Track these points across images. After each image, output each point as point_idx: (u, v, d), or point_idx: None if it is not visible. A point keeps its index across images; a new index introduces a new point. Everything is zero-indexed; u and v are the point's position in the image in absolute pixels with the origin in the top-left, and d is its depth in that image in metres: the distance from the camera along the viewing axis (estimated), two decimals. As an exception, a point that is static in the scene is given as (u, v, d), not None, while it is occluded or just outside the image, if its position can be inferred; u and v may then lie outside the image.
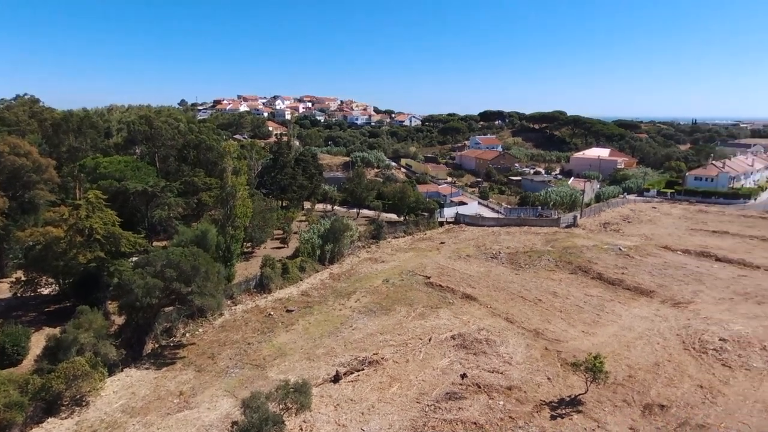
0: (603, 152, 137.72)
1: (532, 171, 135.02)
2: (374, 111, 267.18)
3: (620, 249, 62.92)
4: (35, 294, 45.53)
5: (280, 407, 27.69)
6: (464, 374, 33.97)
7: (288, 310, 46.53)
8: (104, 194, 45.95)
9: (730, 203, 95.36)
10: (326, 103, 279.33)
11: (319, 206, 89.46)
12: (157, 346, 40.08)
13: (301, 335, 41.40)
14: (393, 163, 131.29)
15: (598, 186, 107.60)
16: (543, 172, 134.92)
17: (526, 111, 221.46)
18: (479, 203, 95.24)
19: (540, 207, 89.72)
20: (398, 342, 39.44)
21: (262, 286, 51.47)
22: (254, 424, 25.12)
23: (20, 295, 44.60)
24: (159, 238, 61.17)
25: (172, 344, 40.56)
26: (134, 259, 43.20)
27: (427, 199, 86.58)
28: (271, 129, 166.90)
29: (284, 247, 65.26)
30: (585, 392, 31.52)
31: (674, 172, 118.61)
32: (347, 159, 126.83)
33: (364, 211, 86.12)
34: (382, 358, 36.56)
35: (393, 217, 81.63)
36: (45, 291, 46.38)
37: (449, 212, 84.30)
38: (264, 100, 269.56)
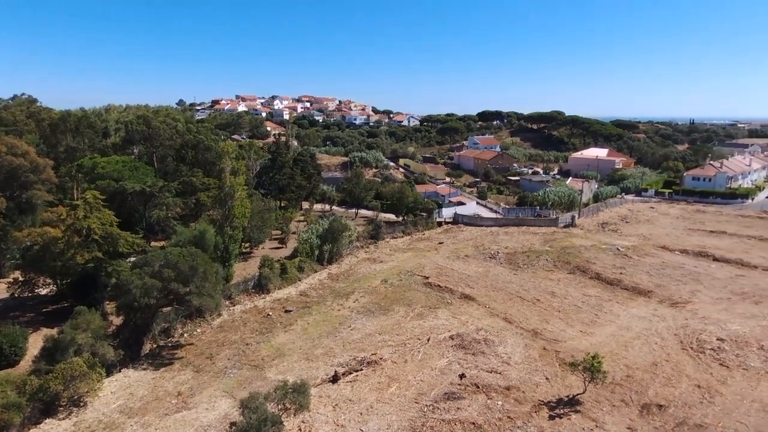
0: (601, 152, 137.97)
1: (530, 171, 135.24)
2: (373, 111, 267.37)
3: (618, 249, 63.03)
4: (33, 294, 45.42)
5: (279, 408, 27.68)
6: (463, 374, 33.99)
7: (286, 311, 46.52)
8: (102, 194, 45.81)
9: (728, 203, 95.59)
10: (325, 103, 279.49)
11: (318, 206, 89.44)
12: (155, 346, 40.04)
13: (299, 335, 41.38)
14: (391, 163, 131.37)
15: (596, 186, 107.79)
16: (541, 172, 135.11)
17: (525, 111, 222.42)
18: (477, 203, 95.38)
19: (538, 207, 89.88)
20: (397, 342, 39.44)
21: (260, 286, 51.45)
22: (253, 424, 25.09)
23: (18, 295, 44.48)
24: (157, 238, 61.08)
25: (170, 345, 40.51)
26: (132, 260, 43.15)
27: (426, 200, 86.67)
28: (269, 129, 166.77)
29: (283, 248, 65.21)
30: (583, 392, 31.58)
31: (672, 172, 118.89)
32: (346, 159, 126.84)
33: (363, 211, 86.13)
34: (380, 359, 36.56)
35: (391, 217, 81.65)
36: (43, 291, 46.28)
37: (448, 212, 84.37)
38: (262, 100, 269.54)
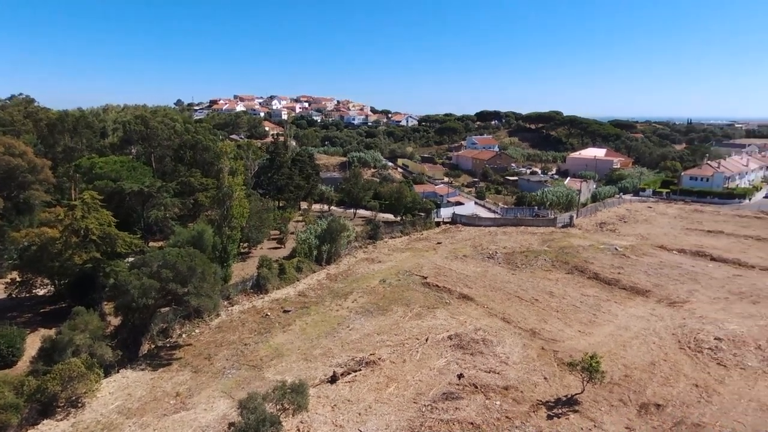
0: (599, 152, 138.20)
1: (528, 171, 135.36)
2: (371, 111, 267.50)
3: (616, 249, 63.14)
4: (30, 295, 45.31)
5: (277, 408, 27.69)
6: (461, 374, 34.02)
7: (285, 311, 46.48)
8: (100, 194, 45.75)
9: (725, 203, 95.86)
10: (323, 103, 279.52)
11: (316, 206, 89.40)
12: (153, 347, 39.98)
13: (298, 336, 41.36)
14: (390, 164, 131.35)
15: (594, 186, 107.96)
16: (539, 172, 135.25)
17: (523, 111, 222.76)
18: (476, 203, 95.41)
19: (536, 207, 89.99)
20: (395, 342, 39.45)
21: (258, 286, 51.41)
22: (251, 425, 25.09)
23: (15, 296, 44.37)
24: (155, 238, 60.98)
25: (168, 345, 40.45)
26: (130, 260, 43.06)
27: (424, 200, 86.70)
28: (267, 129, 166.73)
29: (281, 248, 65.16)
30: (581, 392, 31.63)
31: (670, 172, 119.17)
32: (344, 159, 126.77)
33: (361, 212, 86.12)
34: (379, 359, 36.56)
35: (390, 217, 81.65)
36: (40, 292, 46.17)
37: (446, 212, 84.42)
38: (261, 100, 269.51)
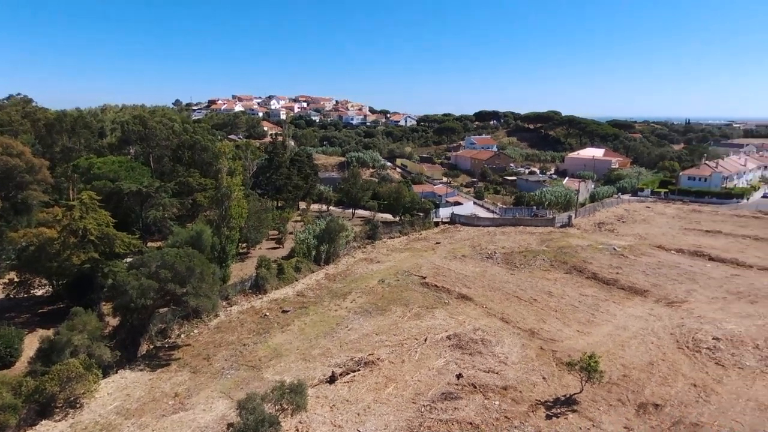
0: (597, 152, 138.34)
1: (527, 171, 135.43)
2: (369, 111, 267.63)
3: (615, 249, 63.23)
4: (28, 295, 45.29)
5: (276, 408, 27.67)
6: (460, 374, 34.03)
7: (283, 311, 46.45)
8: (98, 195, 45.74)
9: (723, 203, 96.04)
10: (321, 103, 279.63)
11: (315, 206, 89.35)
12: (151, 347, 39.92)
13: (296, 336, 41.34)
14: (388, 163, 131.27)
15: (593, 186, 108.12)
16: (538, 172, 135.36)
17: (522, 111, 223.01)
18: (474, 203, 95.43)
19: (535, 207, 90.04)
20: (394, 342, 39.46)
21: (257, 286, 51.36)
22: (250, 425, 25.07)
23: (13, 296, 44.35)
24: (153, 238, 60.92)
25: (167, 345, 40.39)
26: (129, 260, 43.00)
27: (423, 200, 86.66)
28: (266, 129, 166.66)
29: (280, 248, 65.14)
30: (580, 392, 31.67)
31: (668, 172, 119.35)
32: (342, 159, 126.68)
33: (360, 212, 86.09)
34: (377, 359, 36.56)
35: (388, 217, 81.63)
36: (38, 292, 46.13)
37: (445, 212, 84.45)
38: (259, 100, 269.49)
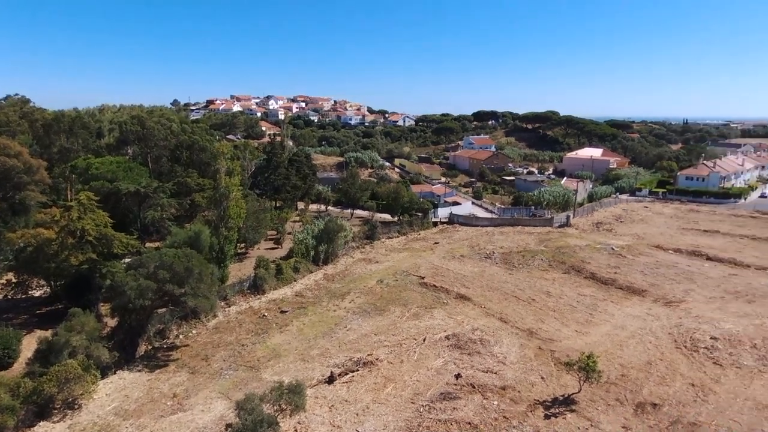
0: (595, 152, 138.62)
1: (525, 171, 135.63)
2: (368, 111, 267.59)
3: (613, 248, 63.33)
4: (26, 296, 45.23)
5: (275, 409, 27.68)
6: (458, 374, 34.07)
7: (282, 311, 46.43)
8: (96, 195, 45.65)
9: (721, 203, 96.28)
10: (320, 103, 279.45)
11: (313, 207, 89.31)
12: (150, 348, 39.87)
13: (295, 336, 41.33)
14: (387, 164, 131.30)
15: (591, 186, 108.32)
16: (536, 172, 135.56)
17: (520, 111, 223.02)
18: (473, 203, 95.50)
19: (533, 207, 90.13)
20: (393, 342, 39.47)
21: (255, 287, 51.33)
22: (248, 426, 25.07)
23: (11, 297, 44.27)
24: (152, 239, 60.84)
25: (165, 346, 40.35)
26: (127, 261, 42.93)
27: (421, 200, 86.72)
28: (264, 129, 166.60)
29: (278, 248, 65.12)
30: (578, 391, 31.72)
31: (666, 172, 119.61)
32: (341, 159, 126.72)
33: (358, 212, 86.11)
34: (376, 359, 36.58)
35: (387, 217, 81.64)
36: (36, 293, 46.07)
37: (443, 212, 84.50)
38: (257, 100, 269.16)
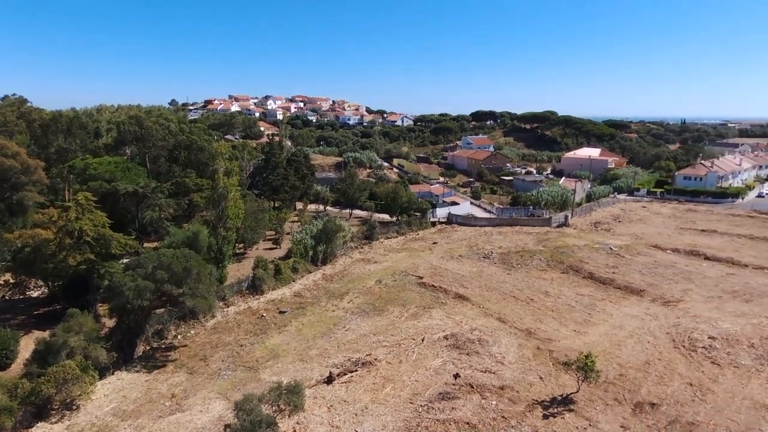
0: (594, 152, 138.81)
1: (523, 171, 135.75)
2: (366, 111, 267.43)
3: (611, 248, 63.42)
4: (24, 297, 45.15)
5: (273, 409, 27.67)
6: (457, 374, 34.09)
7: (281, 312, 46.40)
8: (94, 195, 45.51)
9: (719, 202, 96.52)
10: (318, 103, 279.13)
11: (312, 207, 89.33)
12: (148, 348, 39.83)
13: (293, 336, 41.31)
14: (385, 164, 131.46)
15: (589, 186, 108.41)
16: (534, 171, 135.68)
17: (518, 111, 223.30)
18: (471, 203, 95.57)
19: (532, 207, 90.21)
20: (391, 342, 39.47)
21: (254, 287, 51.30)
22: (247, 426, 25.05)
23: (9, 298, 44.19)
24: (150, 239, 60.76)
25: (163, 347, 40.31)
26: (125, 261, 42.87)
27: (420, 200, 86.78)
28: (262, 129, 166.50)
29: (276, 248, 65.09)
30: (577, 391, 31.76)
31: (664, 172, 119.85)
32: (339, 159, 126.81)
33: (357, 212, 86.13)
34: (375, 359, 36.58)
35: (385, 217, 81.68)
36: (34, 294, 45.99)
37: (441, 212, 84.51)
38: (255, 100, 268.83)
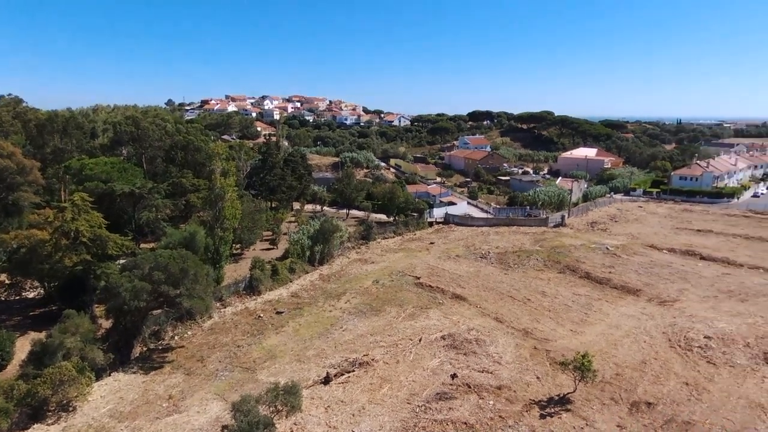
0: (590, 152, 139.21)
1: (520, 171, 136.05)
2: (363, 111, 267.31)
3: (607, 248, 63.62)
4: (20, 297, 44.97)
5: (271, 410, 27.67)
6: (454, 374, 34.14)
7: (278, 312, 46.37)
8: (90, 196, 45.38)
9: (714, 202, 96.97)
10: (315, 103, 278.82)
11: (309, 207, 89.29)
12: (145, 349, 39.73)
13: (291, 337, 41.28)
14: (382, 164, 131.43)
15: (586, 185, 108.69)
16: (531, 171, 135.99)
17: (515, 111, 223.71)
18: (468, 203, 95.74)
19: (528, 207, 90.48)
20: (388, 343, 39.50)
21: (251, 287, 51.24)
22: (244, 427, 25.04)
23: (4, 299, 44.02)
24: (146, 240, 60.60)
25: (160, 348, 40.22)
26: (121, 262, 42.74)
27: (417, 200, 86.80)
28: (259, 129, 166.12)
29: (273, 249, 65.01)
30: (573, 391, 31.86)
31: (660, 172, 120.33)
32: (336, 159, 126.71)
33: (354, 212, 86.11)
34: (372, 359, 36.60)
35: (382, 217, 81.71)
36: (30, 295, 45.81)
37: (438, 212, 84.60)
38: (252, 100, 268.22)
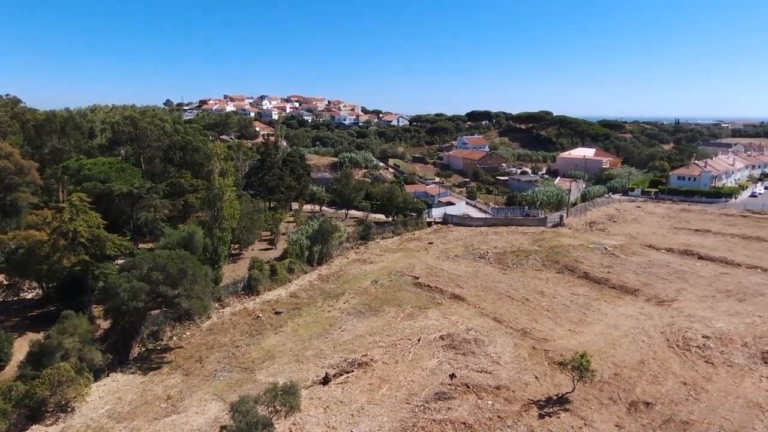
0: (588, 152, 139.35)
1: (518, 171, 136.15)
2: (362, 111, 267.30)
3: (606, 248, 63.71)
4: (18, 298, 44.89)
5: (269, 410, 27.65)
6: (453, 374, 34.16)
7: (276, 312, 46.35)
8: (88, 196, 45.30)
9: (712, 202, 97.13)
10: (314, 103, 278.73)
11: (307, 207, 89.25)
12: (143, 350, 39.70)
13: (289, 337, 41.27)
14: (381, 164, 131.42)
15: (584, 186, 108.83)
16: (530, 171, 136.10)
17: (513, 111, 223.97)
18: (467, 203, 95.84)
19: (527, 207, 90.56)
20: (387, 343, 39.51)
21: (250, 288, 51.22)
22: (243, 428, 25.02)
23: (2, 299, 43.92)
24: (145, 240, 60.53)
25: (158, 348, 40.18)
26: (120, 262, 42.73)
27: (415, 200, 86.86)
28: (258, 129, 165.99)
29: (272, 249, 64.97)
30: (572, 391, 31.90)
31: (658, 172, 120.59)
32: (335, 159, 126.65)
33: (353, 212, 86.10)
34: (371, 360, 36.60)
35: (381, 217, 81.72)
36: (28, 295, 45.74)
37: (437, 212, 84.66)
38: (251, 100, 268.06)
